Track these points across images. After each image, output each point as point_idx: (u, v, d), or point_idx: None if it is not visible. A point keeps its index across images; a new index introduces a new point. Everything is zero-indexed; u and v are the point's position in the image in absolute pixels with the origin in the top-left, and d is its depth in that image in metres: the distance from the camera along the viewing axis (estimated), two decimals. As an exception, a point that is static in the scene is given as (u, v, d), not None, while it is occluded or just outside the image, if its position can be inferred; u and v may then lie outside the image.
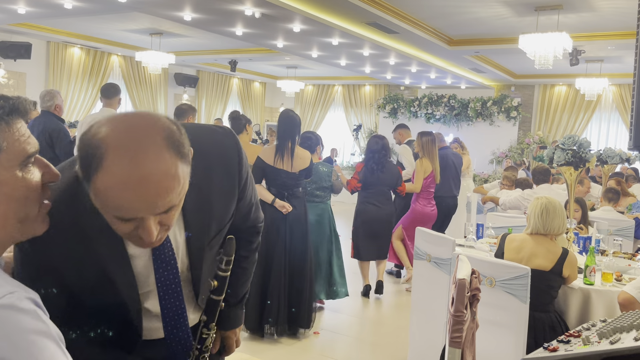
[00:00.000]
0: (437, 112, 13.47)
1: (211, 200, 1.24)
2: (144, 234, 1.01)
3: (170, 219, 1.04)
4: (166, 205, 0.99)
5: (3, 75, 10.01)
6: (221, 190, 1.26)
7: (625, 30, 7.57)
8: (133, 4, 6.72)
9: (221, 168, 1.26)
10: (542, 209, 3.04)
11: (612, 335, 1.31)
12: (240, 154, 1.30)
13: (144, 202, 0.97)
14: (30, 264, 1.08)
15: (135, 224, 1.01)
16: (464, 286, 1.58)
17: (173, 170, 0.98)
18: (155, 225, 1.02)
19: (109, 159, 0.95)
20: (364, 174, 5.20)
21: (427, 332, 3.44)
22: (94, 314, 1.17)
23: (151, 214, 0.99)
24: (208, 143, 1.24)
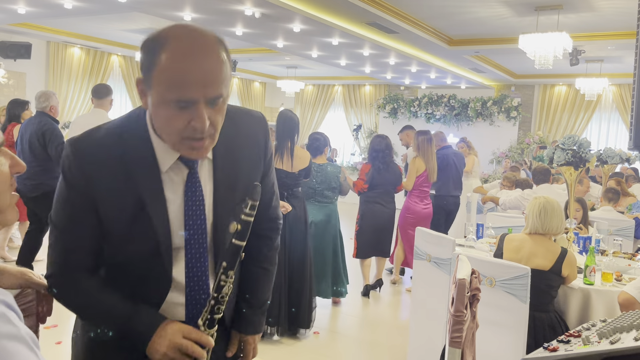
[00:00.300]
0: (437, 112, 13.47)
1: (239, 164, 1.36)
2: (197, 121, 1.14)
3: (216, 116, 1.18)
4: (215, 89, 1.14)
5: (3, 75, 10.01)
6: (249, 157, 1.39)
7: (625, 30, 7.57)
8: (133, 4, 6.73)
9: (250, 139, 1.40)
10: (540, 209, 3.04)
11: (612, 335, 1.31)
12: (267, 133, 1.45)
13: (200, 74, 1.12)
14: (77, 195, 1.24)
15: (190, 115, 1.14)
16: (464, 286, 1.58)
17: (222, 58, 1.16)
18: (206, 113, 1.14)
19: (172, 39, 1.13)
20: (372, 174, 5.24)
21: (427, 332, 3.44)
22: (128, 252, 1.27)
23: (203, 95, 1.13)
24: (242, 116, 1.41)
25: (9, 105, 5.73)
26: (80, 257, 1.28)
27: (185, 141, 1.18)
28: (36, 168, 4.80)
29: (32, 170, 4.81)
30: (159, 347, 1.22)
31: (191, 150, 1.20)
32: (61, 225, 1.27)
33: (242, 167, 1.36)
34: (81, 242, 1.27)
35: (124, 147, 1.24)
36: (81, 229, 1.26)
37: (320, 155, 4.77)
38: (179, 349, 1.22)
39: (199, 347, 1.23)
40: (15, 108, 5.66)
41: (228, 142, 1.32)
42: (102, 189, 1.23)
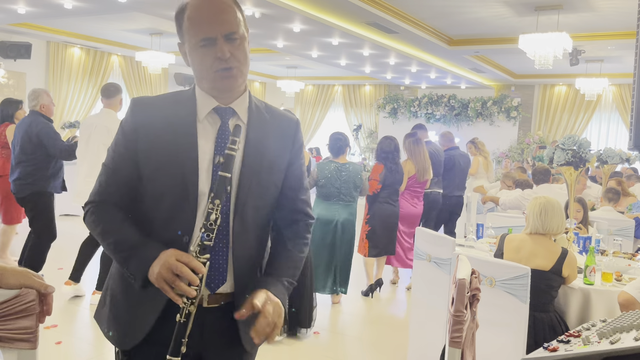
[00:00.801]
0: (437, 112, 13.47)
1: (268, 140, 1.51)
2: (220, 52, 1.38)
3: (237, 51, 1.41)
4: (228, 26, 1.39)
5: (3, 75, 10.01)
6: (277, 140, 1.54)
7: (625, 30, 7.58)
8: (133, 4, 6.73)
9: (281, 128, 1.56)
10: (540, 209, 3.04)
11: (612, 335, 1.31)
12: (297, 133, 1.60)
13: (213, 16, 1.39)
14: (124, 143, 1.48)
15: (214, 51, 1.39)
16: (464, 286, 1.58)
17: (233, 6, 1.42)
18: (226, 47, 1.39)
19: (191, 2, 1.43)
20: (385, 175, 5.31)
21: (427, 332, 3.44)
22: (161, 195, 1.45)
23: (219, 32, 1.38)
24: (279, 112, 1.60)
25: (1, 105, 5.63)
26: (114, 192, 1.48)
27: (217, 74, 1.41)
28: (27, 168, 4.76)
29: (23, 171, 4.77)
30: (155, 267, 1.35)
31: (223, 80, 1.42)
32: (107, 163, 1.51)
33: (270, 143, 1.52)
34: (118, 181, 1.48)
35: (174, 105, 1.48)
36: (120, 171, 1.48)
37: (342, 155, 4.87)
38: (171, 269, 1.33)
39: (190, 271, 1.33)
40: (8, 107, 5.57)
41: (262, 122, 1.52)
42: (146, 139, 1.45)
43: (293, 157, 1.58)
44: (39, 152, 4.78)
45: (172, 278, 1.33)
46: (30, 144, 4.77)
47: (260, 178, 1.49)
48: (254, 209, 1.49)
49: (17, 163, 4.83)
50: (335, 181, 4.78)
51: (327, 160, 4.96)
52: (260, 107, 1.56)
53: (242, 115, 1.50)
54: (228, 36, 1.40)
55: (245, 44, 1.45)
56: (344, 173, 4.80)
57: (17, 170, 4.81)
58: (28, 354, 1.32)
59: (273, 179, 1.53)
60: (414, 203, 5.75)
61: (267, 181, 1.51)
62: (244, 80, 1.49)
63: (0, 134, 5.46)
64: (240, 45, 1.43)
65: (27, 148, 4.78)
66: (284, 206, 1.58)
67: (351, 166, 4.87)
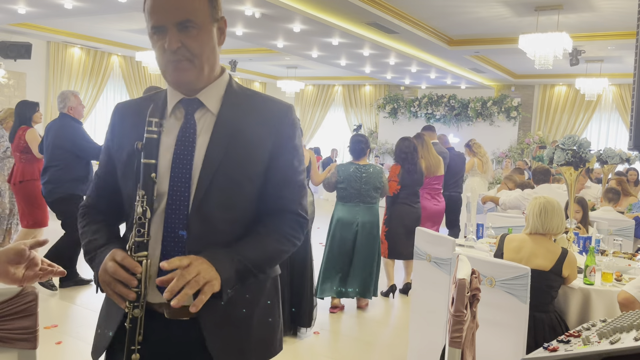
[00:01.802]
0: (437, 112, 13.47)
1: (243, 133, 1.37)
2: (167, 42, 1.29)
3: (190, 41, 1.30)
4: (179, 14, 1.28)
5: (3, 75, 10.01)
6: (256, 132, 1.38)
7: (625, 30, 7.58)
8: (133, 4, 6.73)
9: (263, 117, 1.41)
10: (540, 209, 3.04)
11: (612, 335, 1.31)
12: (286, 121, 1.42)
13: (165, 2, 1.29)
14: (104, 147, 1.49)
15: (165, 40, 1.29)
16: (464, 286, 1.58)
17: None
18: (176, 38, 1.29)
19: None
20: (402, 176, 5.33)
21: (427, 332, 3.44)
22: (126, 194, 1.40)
23: (168, 20, 1.29)
24: (266, 99, 1.46)
25: (18, 108, 5.47)
26: (98, 197, 1.50)
27: (169, 65, 1.32)
28: (57, 172, 4.71)
29: (52, 174, 4.72)
30: (99, 272, 1.30)
31: (175, 72, 1.33)
32: (97, 169, 1.54)
33: (246, 134, 1.37)
34: (101, 186, 1.50)
35: (149, 104, 1.38)
36: (103, 176, 1.49)
37: (363, 157, 4.91)
38: (108, 271, 1.26)
39: (124, 272, 1.25)
40: (25, 111, 5.42)
41: (238, 111, 1.39)
42: (117, 142, 1.44)
43: (277, 148, 1.39)
44: (69, 156, 4.72)
45: (109, 280, 1.26)
46: (60, 148, 4.71)
47: (229, 172, 1.34)
48: (222, 208, 1.34)
49: (46, 167, 4.79)
50: (356, 183, 4.80)
51: (347, 162, 4.99)
52: (243, 94, 1.43)
53: (211, 104, 1.38)
54: (182, 24, 1.29)
55: (205, 34, 1.33)
56: (364, 175, 4.83)
57: (47, 173, 4.77)
58: (28, 354, 1.32)
59: (247, 173, 1.36)
60: (435, 202, 5.90)
61: (239, 175, 1.35)
62: (201, 73, 1.35)
63: (20, 138, 5.32)
64: (198, 35, 1.31)
65: (56, 151, 4.72)
66: (265, 203, 1.41)
67: (371, 168, 4.89)
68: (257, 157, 1.37)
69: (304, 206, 1.47)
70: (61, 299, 4.73)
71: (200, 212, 1.33)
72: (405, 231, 5.31)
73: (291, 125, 1.43)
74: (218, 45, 1.39)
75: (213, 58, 1.37)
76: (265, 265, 1.39)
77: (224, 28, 1.41)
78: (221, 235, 1.35)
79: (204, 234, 1.33)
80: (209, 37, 1.34)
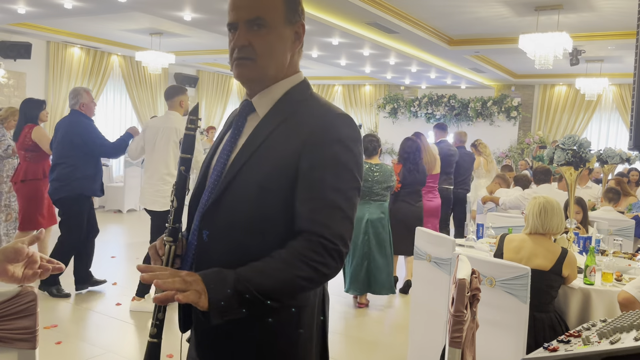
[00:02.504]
0: (437, 112, 13.47)
1: (267, 147, 1.31)
2: (235, 39, 1.31)
3: (257, 40, 1.30)
4: (249, 12, 1.29)
5: (3, 75, 10.02)
6: (284, 146, 1.30)
7: (625, 30, 7.58)
8: (133, 4, 6.72)
9: (297, 128, 1.31)
10: (540, 209, 3.04)
11: (612, 335, 1.31)
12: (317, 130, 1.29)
13: (239, 1, 1.31)
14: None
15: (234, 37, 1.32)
16: (464, 286, 1.58)
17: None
18: (244, 35, 1.30)
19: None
20: (403, 175, 5.47)
21: (427, 332, 3.44)
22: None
23: (239, 18, 1.30)
24: (316, 107, 1.36)
25: (24, 106, 5.34)
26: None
27: (234, 62, 1.34)
28: (65, 169, 4.62)
29: (60, 172, 4.63)
30: None
31: (236, 68, 1.34)
32: None
33: (274, 144, 1.30)
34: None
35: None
36: None
37: (375, 155, 5.03)
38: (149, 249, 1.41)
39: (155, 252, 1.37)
40: (32, 109, 5.29)
41: (280, 118, 1.33)
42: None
43: (305, 160, 1.27)
44: (78, 153, 4.62)
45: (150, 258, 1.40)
46: (70, 145, 4.61)
47: (248, 178, 1.30)
48: (236, 213, 1.30)
49: (55, 164, 4.69)
50: (367, 181, 4.93)
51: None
52: (296, 101, 1.36)
53: (261, 108, 1.36)
54: (249, 23, 1.29)
55: (275, 34, 1.31)
56: (376, 173, 4.95)
57: (55, 171, 4.67)
58: (28, 354, 1.32)
59: (257, 178, 1.29)
60: (430, 198, 6.09)
61: (258, 182, 1.29)
62: (263, 73, 1.33)
63: (25, 136, 5.17)
64: (267, 35, 1.30)
65: (66, 149, 4.63)
66: (294, 222, 1.28)
67: (383, 166, 5.02)
68: (278, 166, 1.28)
69: (336, 231, 1.25)
70: (61, 299, 4.73)
71: (214, 213, 1.32)
72: (406, 228, 5.37)
73: (325, 140, 1.28)
74: (293, 50, 1.38)
75: (281, 60, 1.35)
76: (276, 292, 1.21)
77: (301, 33, 1.39)
78: (235, 243, 1.29)
79: (216, 235, 1.31)
80: (279, 38, 1.33)
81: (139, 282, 4.52)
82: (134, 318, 4.37)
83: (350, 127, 1.33)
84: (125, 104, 12.31)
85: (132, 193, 9.47)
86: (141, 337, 4.00)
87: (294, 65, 1.40)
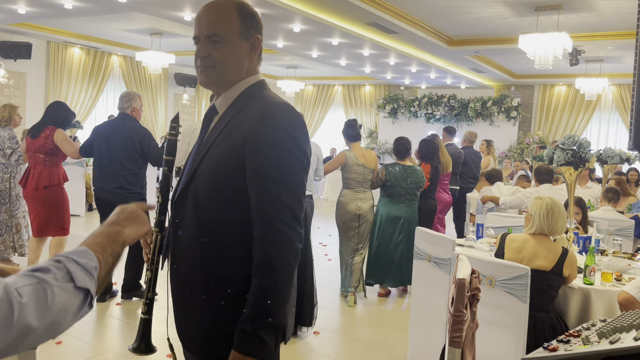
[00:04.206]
0: (437, 112, 13.47)
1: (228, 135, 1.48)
2: (197, 51, 1.50)
3: (217, 52, 1.48)
4: (209, 28, 1.48)
5: (3, 75, 10.01)
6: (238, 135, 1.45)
7: (625, 30, 7.58)
8: (133, 4, 6.73)
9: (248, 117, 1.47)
10: (547, 210, 3.02)
11: (612, 335, 1.31)
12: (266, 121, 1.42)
13: (200, 18, 1.50)
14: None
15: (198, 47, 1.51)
16: (464, 286, 1.58)
17: (226, 11, 1.50)
18: (205, 47, 1.49)
19: None
20: (432, 174, 5.70)
21: (427, 332, 3.44)
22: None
23: (201, 32, 1.49)
24: (256, 103, 1.50)
25: (53, 108, 4.96)
26: None
27: (198, 68, 1.54)
28: (129, 176, 4.46)
29: (125, 179, 4.45)
30: None
31: (200, 75, 1.54)
32: None
33: (228, 137, 1.47)
34: None
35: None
36: None
37: (407, 157, 5.28)
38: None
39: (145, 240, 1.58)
40: (60, 112, 4.92)
41: (234, 114, 1.51)
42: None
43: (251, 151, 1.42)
44: (136, 158, 4.49)
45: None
46: (131, 151, 4.46)
47: (203, 164, 1.49)
48: (194, 193, 1.49)
49: (114, 171, 4.46)
50: (402, 182, 5.15)
51: (393, 163, 5.30)
52: (249, 98, 1.52)
53: (222, 107, 1.56)
54: (209, 37, 1.49)
55: (231, 47, 1.50)
56: (410, 175, 5.18)
57: (117, 178, 4.46)
58: (28, 354, 1.32)
59: (211, 164, 1.46)
60: (447, 195, 6.52)
61: (207, 167, 1.47)
62: (222, 78, 1.52)
63: (47, 138, 4.81)
64: (224, 47, 1.49)
65: (129, 154, 4.46)
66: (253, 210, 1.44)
67: (415, 168, 5.27)
68: (229, 153, 1.44)
69: (286, 217, 1.39)
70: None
71: (182, 201, 1.52)
72: (431, 221, 5.81)
73: (267, 126, 1.42)
74: (250, 58, 1.55)
75: (237, 67, 1.53)
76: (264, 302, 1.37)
77: (257, 45, 1.56)
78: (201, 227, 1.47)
79: (182, 222, 1.51)
80: (235, 49, 1.51)
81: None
82: (134, 318, 4.38)
83: (287, 113, 1.46)
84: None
85: (132, 193, 9.45)
86: (141, 337, 4.00)
87: (252, 70, 1.57)
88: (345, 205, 5.00)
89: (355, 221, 5.00)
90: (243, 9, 1.54)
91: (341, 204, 5.06)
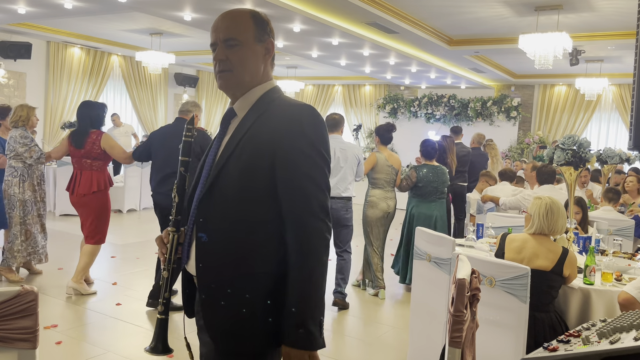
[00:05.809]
0: (437, 112, 13.47)
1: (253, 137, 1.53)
2: (215, 55, 1.59)
3: (233, 56, 1.57)
4: (225, 32, 1.57)
5: (3, 75, 10.01)
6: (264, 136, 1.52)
7: (625, 30, 7.58)
8: (133, 4, 6.73)
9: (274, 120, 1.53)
10: (547, 210, 3.03)
11: (612, 335, 1.31)
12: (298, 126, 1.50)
13: (216, 24, 1.59)
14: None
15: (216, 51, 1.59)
16: (464, 286, 1.58)
17: (241, 18, 1.59)
18: (223, 51, 1.57)
19: None
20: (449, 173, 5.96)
21: (427, 332, 3.44)
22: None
23: (218, 38, 1.58)
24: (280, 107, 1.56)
25: (84, 110, 4.82)
26: None
27: (217, 75, 1.61)
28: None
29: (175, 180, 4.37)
30: None
31: (219, 79, 1.61)
32: None
33: (253, 139, 1.53)
34: None
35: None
36: None
37: (434, 158, 5.49)
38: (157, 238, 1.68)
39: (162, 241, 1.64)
40: (91, 111, 4.81)
41: (256, 117, 1.56)
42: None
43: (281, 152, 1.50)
44: (197, 162, 4.44)
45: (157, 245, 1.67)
46: (193, 156, 4.42)
47: (229, 165, 1.54)
48: (225, 200, 1.52)
49: (168, 174, 4.35)
50: (433, 181, 5.39)
51: (422, 164, 5.51)
52: (270, 102, 1.59)
53: (241, 111, 1.61)
54: (225, 41, 1.57)
55: (247, 50, 1.58)
56: (439, 174, 5.43)
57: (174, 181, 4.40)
58: (28, 354, 1.32)
59: (240, 166, 1.52)
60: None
61: (234, 168, 1.53)
62: (240, 81, 1.59)
63: (93, 143, 4.71)
64: (239, 51, 1.57)
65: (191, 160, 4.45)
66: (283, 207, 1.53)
67: (441, 168, 5.48)
68: (257, 155, 1.51)
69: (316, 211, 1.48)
70: (60, 299, 4.73)
71: (207, 200, 1.54)
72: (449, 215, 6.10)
73: (295, 127, 1.50)
74: (265, 62, 1.63)
75: (254, 70, 1.60)
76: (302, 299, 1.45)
77: (270, 48, 1.64)
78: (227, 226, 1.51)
79: (207, 222, 1.53)
80: (251, 53, 1.59)
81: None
82: (134, 318, 4.37)
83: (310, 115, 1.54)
84: (126, 104, 12.31)
85: (132, 193, 9.46)
86: (141, 337, 4.00)
87: (267, 75, 1.64)
88: (376, 204, 5.23)
89: (385, 219, 5.25)
90: (257, 16, 1.63)
91: (372, 203, 5.26)
